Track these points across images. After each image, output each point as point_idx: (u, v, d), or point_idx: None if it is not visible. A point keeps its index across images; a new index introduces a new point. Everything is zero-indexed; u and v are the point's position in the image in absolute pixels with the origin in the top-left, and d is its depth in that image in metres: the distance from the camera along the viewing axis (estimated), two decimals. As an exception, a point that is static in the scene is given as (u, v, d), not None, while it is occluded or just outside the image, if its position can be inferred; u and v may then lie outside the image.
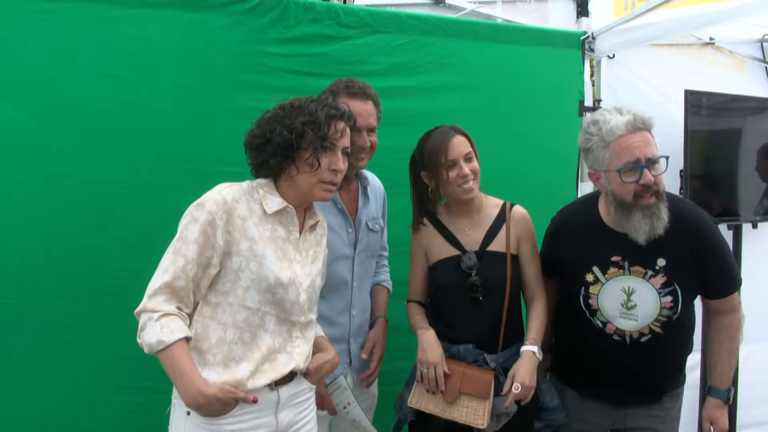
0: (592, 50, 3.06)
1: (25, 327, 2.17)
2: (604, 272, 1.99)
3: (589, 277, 2.01)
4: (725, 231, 3.41)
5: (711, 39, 3.40)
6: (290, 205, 1.74)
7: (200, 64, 2.29)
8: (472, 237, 2.13)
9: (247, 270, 1.65)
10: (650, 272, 1.94)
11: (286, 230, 1.75)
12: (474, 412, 1.98)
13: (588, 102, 3.06)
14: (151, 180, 2.24)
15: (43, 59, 2.11)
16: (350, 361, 2.17)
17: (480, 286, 2.05)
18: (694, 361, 3.36)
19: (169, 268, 1.59)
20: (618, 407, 2.09)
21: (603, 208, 2.03)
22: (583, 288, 2.02)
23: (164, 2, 2.22)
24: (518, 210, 2.18)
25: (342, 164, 1.75)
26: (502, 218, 2.15)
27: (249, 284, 1.65)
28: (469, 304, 2.08)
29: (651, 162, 1.83)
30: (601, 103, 3.12)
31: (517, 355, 2.08)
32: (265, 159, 1.71)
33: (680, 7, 2.78)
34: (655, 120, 1.88)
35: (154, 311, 1.56)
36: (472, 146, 2.09)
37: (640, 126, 1.84)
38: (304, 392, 1.81)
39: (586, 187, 2.90)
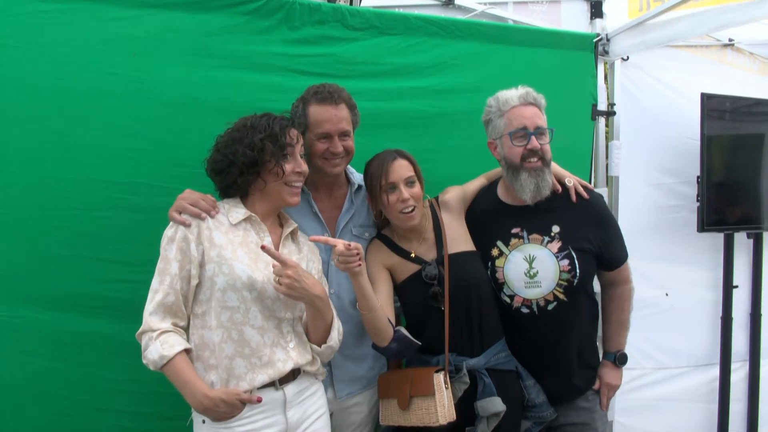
0: (606, 52, 3.08)
1: (16, 342, 2.14)
2: (506, 244, 2.25)
3: (494, 252, 2.26)
4: (745, 240, 3.42)
5: (730, 40, 3.41)
6: (254, 214, 1.93)
7: (205, 64, 2.32)
8: (426, 249, 2.21)
9: (220, 274, 1.82)
10: (547, 238, 2.23)
11: (258, 236, 1.93)
12: (427, 411, 2.04)
13: (602, 106, 3.08)
14: (156, 184, 2.26)
15: (46, 59, 2.14)
16: (331, 371, 2.19)
17: (442, 294, 2.11)
18: (712, 375, 3.39)
19: (158, 288, 1.81)
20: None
21: (501, 189, 2.34)
22: (490, 263, 2.26)
23: (168, 3, 2.25)
24: (442, 199, 2.30)
25: (303, 166, 1.96)
26: (436, 217, 2.24)
27: (225, 286, 1.82)
28: (439, 314, 2.13)
29: (538, 131, 2.15)
30: (616, 107, 3.15)
31: (500, 353, 2.17)
32: (233, 179, 1.91)
33: (697, 7, 2.80)
34: (545, 100, 2.22)
35: (152, 330, 1.77)
36: (415, 171, 2.14)
37: (531, 101, 2.18)
38: (309, 388, 1.96)
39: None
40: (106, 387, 2.23)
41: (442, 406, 2.02)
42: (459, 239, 2.24)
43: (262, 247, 1.82)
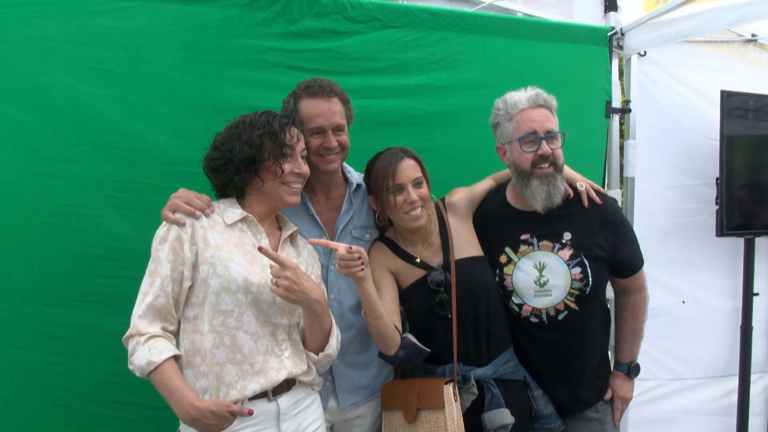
0: (621, 47, 3.04)
1: (4, 335, 2.16)
2: (515, 251, 2.22)
3: (503, 259, 2.23)
4: (767, 245, 3.37)
5: (753, 35, 3.38)
6: (250, 215, 1.91)
7: (198, 59, 2.31)
8: (431, 253, 2.19)
9: (214, 276, 1.79)
10: (558, 245, 2.19)
11: (255, 238, 1.91)
12: (435, 425, 2.01)
13: (616, 103, 3.05)
14: (147, 182, 2.26)
15: (32, 53, 2.13)
16: (333, 380, 2.19)
17: (449, 302, 2.09)
18: (731, 387, 3.35)
19: (148, 290, 1.77)
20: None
21: (510, 193, 2.30)
22: (497, 270, 2.23)
23: (160, -7, 2.25)
24: (449, 201, 2.28)
25: (304, 167, 1.94)
26: (442, 220, 2.22)
27: (219, 288, 1.79)
28: (446, 321, 2.11)
29: (549, 135, 2.11)
30: (631, 104, 3.10)
31: (508, 362, 2.15)
32: (230, 177, 1.89)
33: (717, 0, 2.76)
34: (556, 101, 2.18)
35: (140, 335, 1.73)
36: (422, 171, 2.12)
37: (541, 103, 2.14)
38: (304, 399, 1.93)
39: (613, 195, 2.88)
40: (96, 378, 2.25)
41: (452, 419, 1.99)
42: (466, 243, 2.21)
43: (259, 248, 1.80)
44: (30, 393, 2.20)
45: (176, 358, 1.75)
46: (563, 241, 2.19)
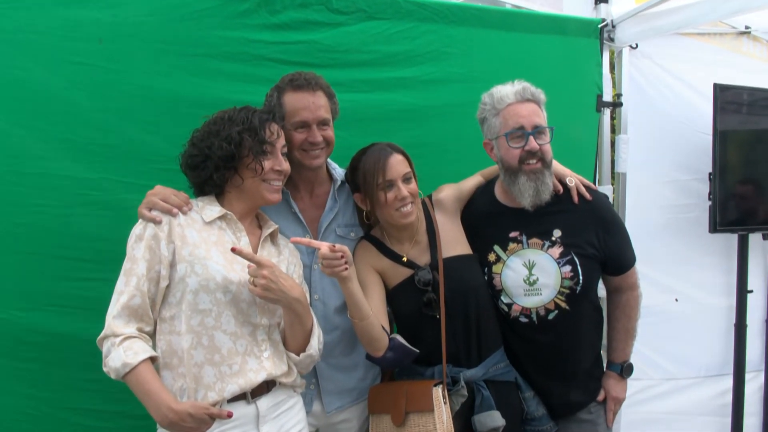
0: (612, 39, 3.05)
1: None
2: (504, 249, 2.22)
3: (491, 257, 2.23)
4: (761, 241, 3.40)
5: (747, 27, 3.39)
6: (230, 212, 1.90)
7: (177, 52, 2.29)
8: (419, 252, 2.18)
9: (192, 274, 1.79)
10: (547, 243, 2.19)
11: (234, 236, 1.90)
12: (425, 428, 2.01)
13: (607, 97, 3.06)
14: (122, 180, 2.24)
15: (3, 46, 2.10)
16: (317, 383, 2.18)
17: (437, 302, 2.09)
18: (725, 386, 3.37)
19: (123, 290, 1.77)
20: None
21: (498, 190, 2.30)
22: (486, 268, 2.23)
23: (137, -17, 2.23)
24: (436, 198, 2.28)
25: (285, 164, 1.94)
26: (429, 218, 2.21)
27: (197, 287, 1.79)
28: (434, 322, 2.11)
29: (536, 130, 2.11)
30: (623, 98, 3.11)
31: (498, 363, 2.15)
32: (209, 175, 1.88)
33: (711, -9, 2.77)
34: (544, 95, 2.17)
35: (115, 336, 1.72)
36: (410, 166, 2.12)
37: (529, 97, 2.14)
38: (285, 401, 1.92)
39: (604, 191, 2.88)
40: (72, 385, 2.23)
41: (441, 422, 1.99)
42: (454, 242, 2.21)
43: (233, 249, 1.80)
44: (3, 401, 2.17)
45: (153, 359, 1.74)
46: (553, 238, 2.19)
